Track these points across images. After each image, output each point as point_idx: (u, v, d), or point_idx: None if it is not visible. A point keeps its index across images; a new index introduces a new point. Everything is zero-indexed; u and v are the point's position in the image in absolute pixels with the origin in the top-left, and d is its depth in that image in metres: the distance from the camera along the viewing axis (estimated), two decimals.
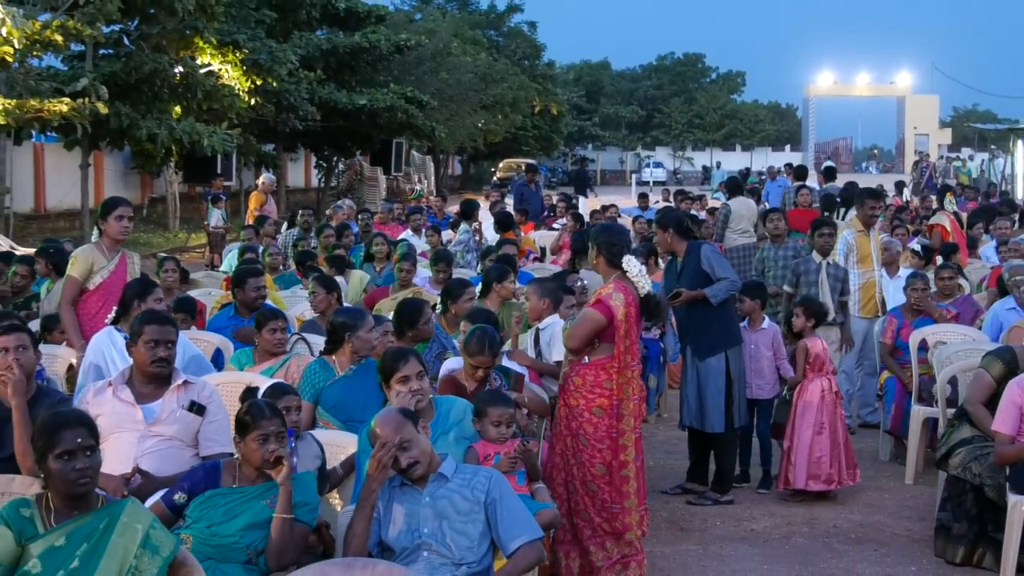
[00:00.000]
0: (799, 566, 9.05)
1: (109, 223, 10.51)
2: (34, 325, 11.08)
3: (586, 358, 8.58)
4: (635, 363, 8.63)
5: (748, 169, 61.48)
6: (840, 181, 25.98)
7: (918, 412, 11.27)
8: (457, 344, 9.19)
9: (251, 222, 22.13)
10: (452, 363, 8.73)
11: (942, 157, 60.61)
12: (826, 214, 19.76)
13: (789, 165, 30.86)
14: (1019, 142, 48.43)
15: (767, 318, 11.35)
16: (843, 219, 19.10)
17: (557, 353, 9.75)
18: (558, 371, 9.22)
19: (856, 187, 19.94)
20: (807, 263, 12.89)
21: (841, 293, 12.64)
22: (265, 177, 31.04)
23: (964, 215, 23.00)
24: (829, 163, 40.49)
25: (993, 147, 64.18)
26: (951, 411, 9.84)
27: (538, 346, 10.17)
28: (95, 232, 10.96)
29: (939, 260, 15.71)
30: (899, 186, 40.48)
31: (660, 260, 14.37)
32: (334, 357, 8.75)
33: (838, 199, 21.00)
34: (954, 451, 9.15)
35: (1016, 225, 20.75)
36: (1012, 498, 8.38)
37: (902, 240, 17.47)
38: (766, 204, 26.81)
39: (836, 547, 9.36)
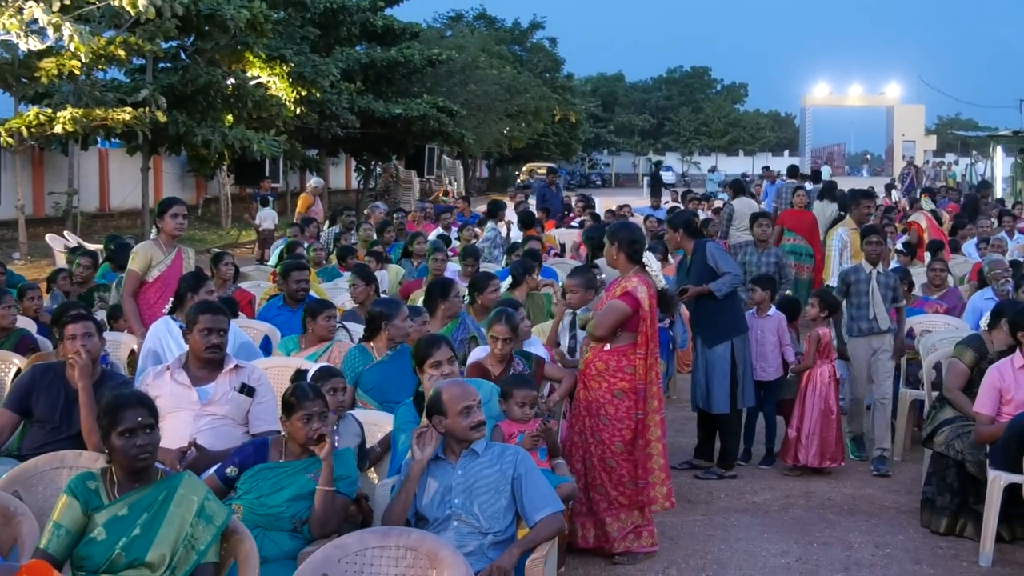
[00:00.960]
0: (796, 535, 9.03)
1: (166, 221, 10.56)
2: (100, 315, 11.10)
3: (608, 345, 8.55)
4: (657, 350, 8.65)
5: (745, 174, 61.50)
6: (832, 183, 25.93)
7: (905, 395, 11.29)
8: (484, 331, 9.18)
9: (298, 221, 22.13)
10: (479, 352, 8.72)
11: (927, 162, 60.49)
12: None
13: (794, 167, 30.69)
14: (998, 148, 48.86)
15: (774, 307, 11.32)
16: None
17: None
18: (575, 364, 9.27)
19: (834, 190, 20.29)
20: (857, 272, 11.30)
21: (894, 300, 11.14)
22: (314, 180, 31.13)
23: (944, 214, 23.07)
24: (814, 167, 40.42)
25: (975, 152, 64.18)
26: (936, 394, 9.84)
27: (573, 329, 10.21)
28: (154, 229, 11.00)
29: (927, 256, 15.73)
30: (888, 188, 40.42)
31: (671, 256, 14.38)
32: (372, 343, 8.77)
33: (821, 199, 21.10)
34: (938, 430, 9.21)
35: (996, 223, 20.82)
36: (991, 473, 8.37)
37: (891, 237, 17.46)
38: (763, 204, 26.74)
39: (830, 518, 9.34)
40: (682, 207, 26.49)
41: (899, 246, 16.95)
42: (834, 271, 13.71)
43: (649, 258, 8.64)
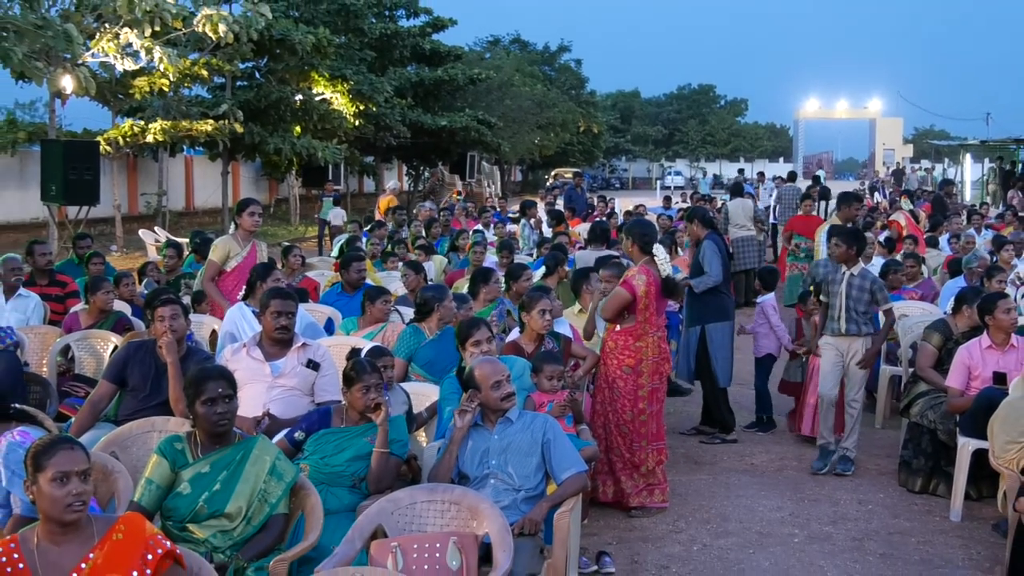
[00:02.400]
0: (789, 492, 9.01)
1: (243, 218, 10.64)
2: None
3: (618, 326, 8.63)
4: (654, 331, 8.62)
5: (742, 170, 61.26)
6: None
7: (885, 371, 11.23)
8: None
9: (380, 219, 22.24)
10: (514, 333, 8.74)
11: (915, 168, 60.64)
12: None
13: (793, 173, 30.74)
14: (967, 155, 49.00)
15: (767, 295, 11.43)
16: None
17: None
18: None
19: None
20: (833, 270, 9.69)
21: (874, 302, 9.51)
22: (392, 184, 31.24)
23: (921, 213, 23.12)
24: (814, 174, 40.38)
25: (946, 159, 64.05)
26: (911, 370, 9.83)
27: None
28: (232, 225, 11.11)
29: (903, 248, 15.73)
30: (871, 190, 40.31)
31: (679, 249, 14.45)
32: (424, 324, 8.79)
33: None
34: (914, 402, 9.26)
35: (966, 221, 20.82)
36: (961, 440, 8.39)
37: (874, 234, 17.40)
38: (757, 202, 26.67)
39: (819, 478, 9.32)
40: (691, 205, 26.58)
41: (880, 240, 16.94)
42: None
43: (658, 249, 8.68)
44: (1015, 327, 8.72)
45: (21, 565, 4.18)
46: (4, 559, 4.18)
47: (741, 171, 42.15)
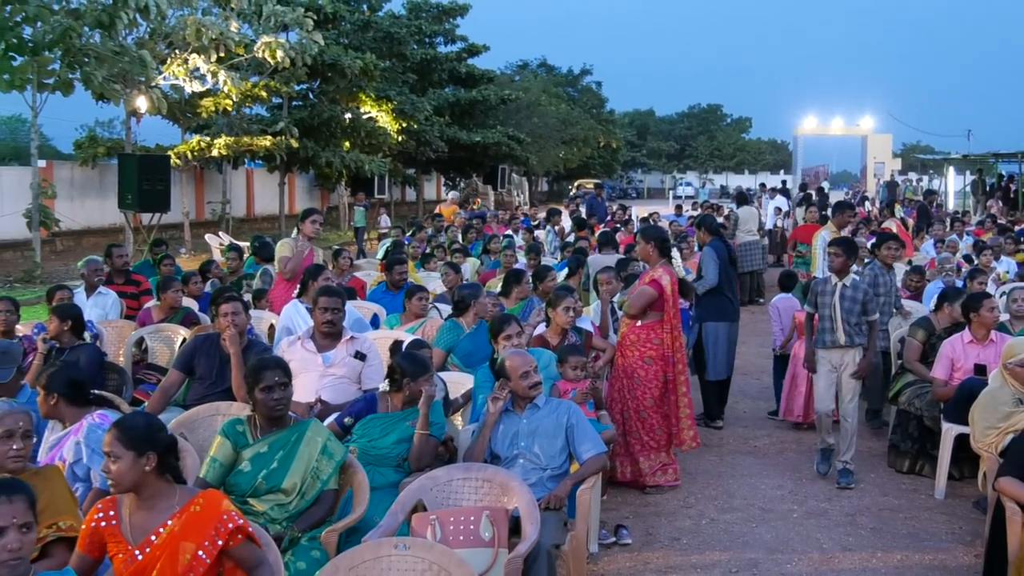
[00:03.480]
0: (789, 472, 8.99)
1: (306, 224, 10.85)
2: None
3: (639, 322, 8.63)
4: (680, 325, 8.72)
5: (763, 183, 61.11)
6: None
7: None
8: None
9: (449, 223, 22.31)
10: (541, 328, 8.73)
11: (909, 180, 60.53)
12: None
13: (803, 185, 30.79)
14: (950, 168, 49.11)
15: (784, 296, 11.62)
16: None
17: None
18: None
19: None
20: (824, 283, 8.75)
21: (864, 313, 8.57)
22: (452, 194, 31.33)
23: (910, 220, 23.12)
24: (818, 186, 40.30)
25: (931, 171, 63.84)
26: (899, 362, 9.77)
27: (614, 313, 10.33)
28: (294, 230, 11.26)
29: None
30: (862, 200, 40.21)
31: (692, 252, 14.47)
32: (462, 318, 8.80)
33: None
34: (902, 391, 9.24)
35: (948, 227, 20.78)
36: (945, 425, 8.36)
37: (864, 238, 17.35)
38: (763, 213, 26.60)
39: (810, 462, 9.26)
40: (700, 213, 26.55)
41: (869, 246, 16.89)
42: (820, 267, 13.66)
43: (675, 253, 8.72)
44: (996, 323, 8.70)
45: (115, 522, 4.35)
46: (102, 515, 4.37)
47: (763, 184, 42.14)
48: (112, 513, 4.37)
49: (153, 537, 4.29)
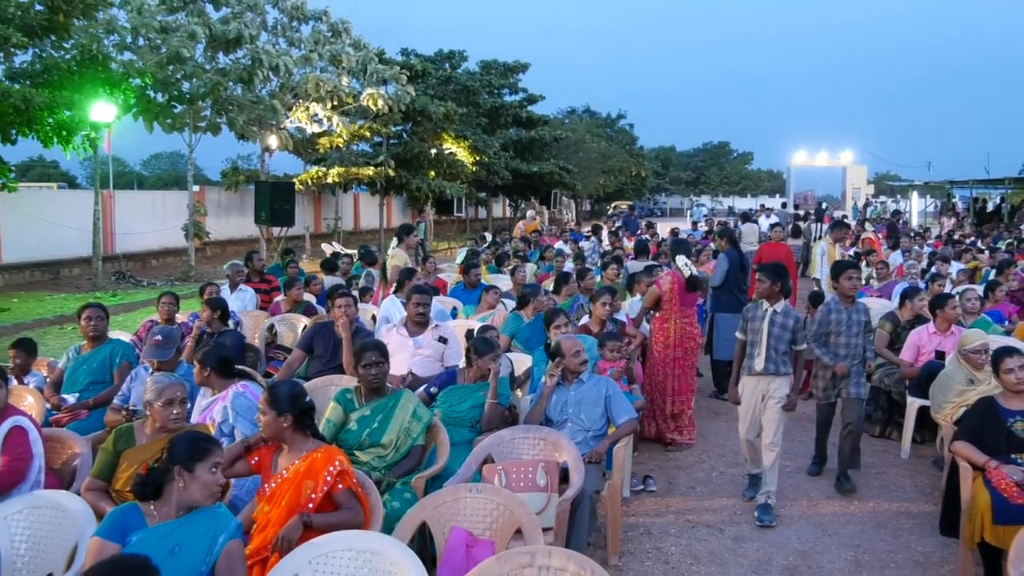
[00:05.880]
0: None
1: (409, 238, 11.11)
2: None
3: (655, 314, 8.79)
4: (677, 317, 8.66)
5: (752, 210, 60.55)
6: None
7: None
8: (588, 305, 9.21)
9: (518, 236, 22.38)
10: (584, 319, 8.71)
11: (881, 202, 59.99)
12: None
13: (785, 203, 30.50)
14: (914, 193, 48.96)
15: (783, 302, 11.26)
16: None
17: None
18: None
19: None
20: (754, 308, 6.83)
21: (793, 342, 6.74)
22: (531, 212, 31.39)
23: (881, 235, 22.89)
24: (817, 207, 40.13)
25: (897, 195, 63.15)
26: (872, 348, 9.63)
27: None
28: (394, 240, 11.42)
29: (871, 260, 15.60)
30: (843, 218, 39.97)
31: (708, 258, 14.37)
32: (523, 311, 8.79)
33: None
34: (875, 370, 9.04)
35: (912, 240, 20.63)
36: (909, 399, 8.29)
37: (843, 248, 17.20)
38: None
39: (805, 426, 9.12)
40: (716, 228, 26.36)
41: (850, 254, 16.72)
42: (818, 270, 13.62)
43: (680, 258, 8.73)
44: (957, 319, 8.57)
45: (266, 463, 4.58)
46: (258, 457, 4.61)
47: (762, 205, 41.90)
48: (267, 452, 4.60)
49: (284, 472, 4.40)
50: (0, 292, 20.11)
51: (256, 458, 4.61)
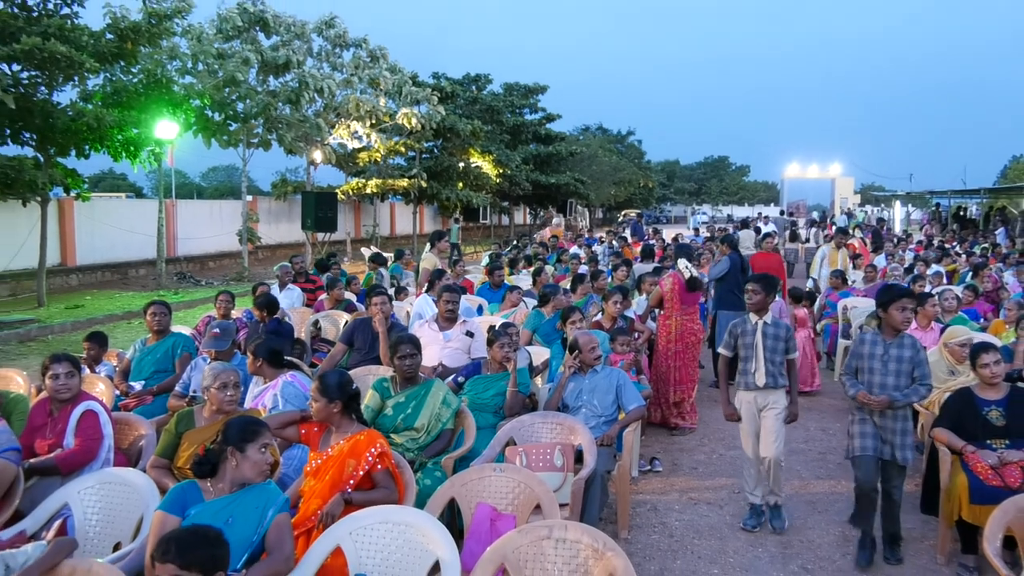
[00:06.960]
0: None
1: (440, 244, 11.01)
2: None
3: (660, 311, 8.76)
4: (678, 314, 8.60)
5: (759, 213, 60.24)
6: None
7: (842, 343, 10.89)
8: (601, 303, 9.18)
9: (549, 236, 22.36)
10: (598, 316, 8.69)
11: (865, 211, 59.75)
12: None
13: (782, 212, 30.26)
14: (896, 202, 48.95)
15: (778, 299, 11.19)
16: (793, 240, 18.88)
17: None
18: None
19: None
20: (743, 323, 5.98)
21: (786, 351, 5.91)
22: (558, 219, 31.35)
23: (867, 239, 22.71)
24: (820, 216, 40.02)
25: (882, 205, 62.76)
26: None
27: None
28: (427, 245, 11.43)
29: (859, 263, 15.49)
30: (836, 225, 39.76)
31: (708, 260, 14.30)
32: (544, 308, 8.79)
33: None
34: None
35: (896, 245, 20.47)
36: None
37: (849, 252, 17.15)
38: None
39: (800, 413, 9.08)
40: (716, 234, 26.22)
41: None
42: (817, 272, 13.55)
43: (681, 261, 8.69)
44: (936, 316, 8.50)
45: (314, 438, 4.58)
46: (315, 430, 4.61)
47: (760, 213, 41.66)
48: (316, 430, 4.58)
49: (330, 450, 4.41)
50: (75, 291, 20.32)
51: (305, 431, 4.62)
